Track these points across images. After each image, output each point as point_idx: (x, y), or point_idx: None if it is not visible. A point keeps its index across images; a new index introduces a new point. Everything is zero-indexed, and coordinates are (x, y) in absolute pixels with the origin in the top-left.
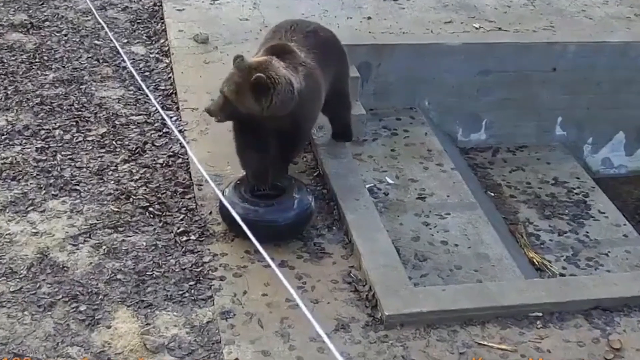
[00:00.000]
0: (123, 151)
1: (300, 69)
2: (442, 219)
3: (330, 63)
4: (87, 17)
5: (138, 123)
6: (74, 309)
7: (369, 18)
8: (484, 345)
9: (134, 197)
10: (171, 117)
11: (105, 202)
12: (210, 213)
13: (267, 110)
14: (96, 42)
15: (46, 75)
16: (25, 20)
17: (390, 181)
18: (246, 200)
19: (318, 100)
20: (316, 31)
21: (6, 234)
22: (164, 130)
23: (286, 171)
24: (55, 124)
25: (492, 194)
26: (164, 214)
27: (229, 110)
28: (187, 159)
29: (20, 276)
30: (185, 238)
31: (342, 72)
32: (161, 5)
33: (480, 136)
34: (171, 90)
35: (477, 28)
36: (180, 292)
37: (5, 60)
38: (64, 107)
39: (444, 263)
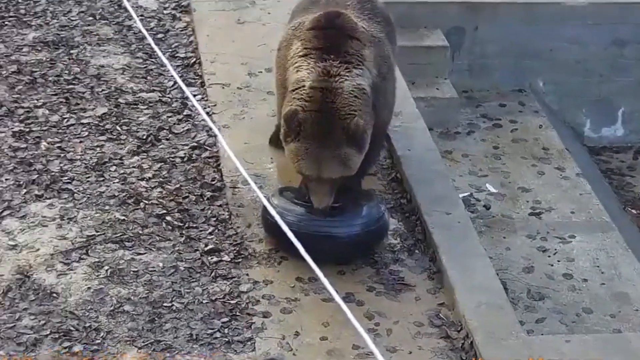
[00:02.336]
0: (130, 139)
1: (367, 52)
2: (564, 244)
3: (392, 40)
4: None
5: (149, 102)
6: (66, 350)
7: None
8: None
9: (146, 202)
10: (194, 95)
11: (108, 207)
12: (249, 226)
13: None
14: None
15: (24, 34)
16: None
17: (492, 189)
18: (299, 205)
19: (394, 81)
20: None
21: None
22: (184, 113)
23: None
24: (37, 100)
25: (634, 212)
26: (186, 225)
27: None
28: (217, 152)
29: None
30: (215, 258)
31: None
32: None
33: (616, 131)
34: (193, 60)
35: None
36: (210, 332)
37: None
38: (50, 79)
39: (568, 304)
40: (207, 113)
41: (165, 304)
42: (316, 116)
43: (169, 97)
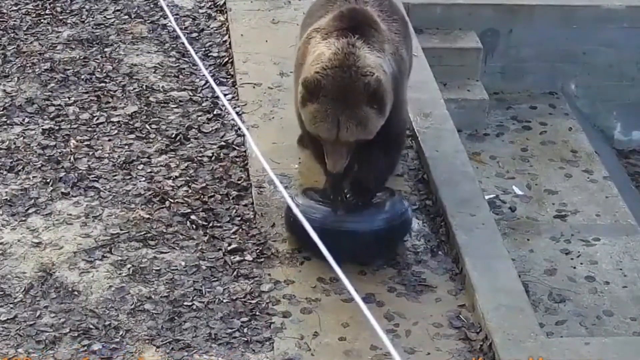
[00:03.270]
0: (159, 138)
1: (387, 46)
2: (588, 246)
3: (408, 43)
4: None
5: (180, 101)
6: (85, 348)
7: None
8: None
9: (172, 201)
10: (225, 95)
11: (133, 206)
12: (273, 225)
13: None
14: None
15: (59, 32)
16: None
17: (518, 192)
18: (321, 202)
19: (405, 88)
20: None
21: None
22: (214, 112)
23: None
24: (69, 98)
25: None
26: (210, 224)
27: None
28: (245, 151)
29: (15, 301)
30: (238, 258)
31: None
32: None
33: None
34: (226, 59)
35: None
36: (229, 331)
37: (4, 11)
38: (82, 77)
39: (589, 307)
40: (237, 112)
41: (185, 303)
42: (337, 72)
43: (199, 96)
